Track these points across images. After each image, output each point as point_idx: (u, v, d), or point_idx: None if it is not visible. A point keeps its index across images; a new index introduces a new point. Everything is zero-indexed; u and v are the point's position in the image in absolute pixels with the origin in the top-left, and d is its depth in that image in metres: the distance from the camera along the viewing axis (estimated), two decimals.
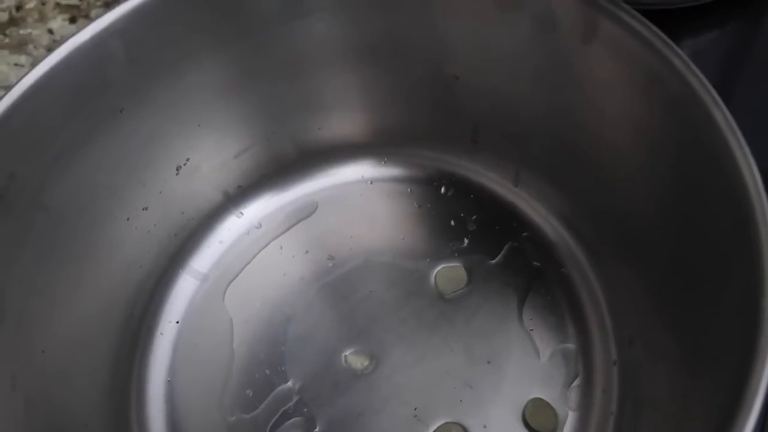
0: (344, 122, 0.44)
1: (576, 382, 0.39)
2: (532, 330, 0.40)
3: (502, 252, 0.43)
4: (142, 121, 0.36)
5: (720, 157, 0.25)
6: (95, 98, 0.33)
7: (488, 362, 0.39)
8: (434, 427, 0.38)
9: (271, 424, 0.38)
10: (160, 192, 0.40)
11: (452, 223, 0.44)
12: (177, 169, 0.40)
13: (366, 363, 0.40)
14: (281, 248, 0.44)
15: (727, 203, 0.25)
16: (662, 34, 0.27)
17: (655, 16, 0.28)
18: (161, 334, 0.41)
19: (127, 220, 0.38)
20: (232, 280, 0.43)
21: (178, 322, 0.42)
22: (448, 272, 0.43)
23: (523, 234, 0.44)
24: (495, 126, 0.43)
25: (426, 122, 0.44)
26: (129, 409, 0.38)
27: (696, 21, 0.51)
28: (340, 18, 0.36)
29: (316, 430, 0.38)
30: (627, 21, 0.28)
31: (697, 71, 0.25)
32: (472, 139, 0.45)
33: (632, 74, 0.30)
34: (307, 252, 0.44)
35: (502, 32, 0.35)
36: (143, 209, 0.39)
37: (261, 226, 0.45)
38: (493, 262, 0.43)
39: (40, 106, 0.31)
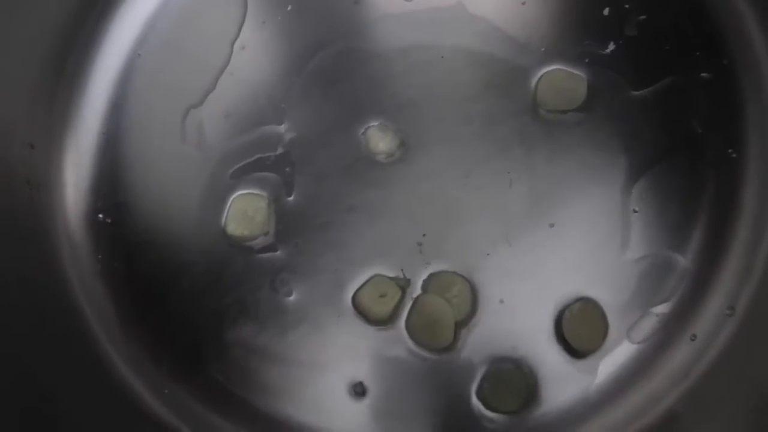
0: None
1: (659, 308, 0.26)
2: (636, 212, 0.26)
3: (657, 86, 0.27)
4: None
5: None
6: None
7: (551, 225, 0.26)
8: (435, 270, 0.26)
9: (237, 167, 0.28)
10: None
11: (606, 12, 0.28)
12: None
13: (390, 147, 0.28)
14: None
15: None
16: None
17: None
18: None
19: None
20: None
21: None
22: (561, 79, 0.28)
23: (704, 74, 0.27)
24: None
25: None
26: (63, 67, 0.28)
27: None
28: None
29: (290, 199, 0.27)
30: None
31: None
32: None
33: None
34: None
35: None
36: None
37: None
38: (636, 93, 0.27)
39: None
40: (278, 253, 0.27)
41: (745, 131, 0.26)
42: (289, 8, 0.29)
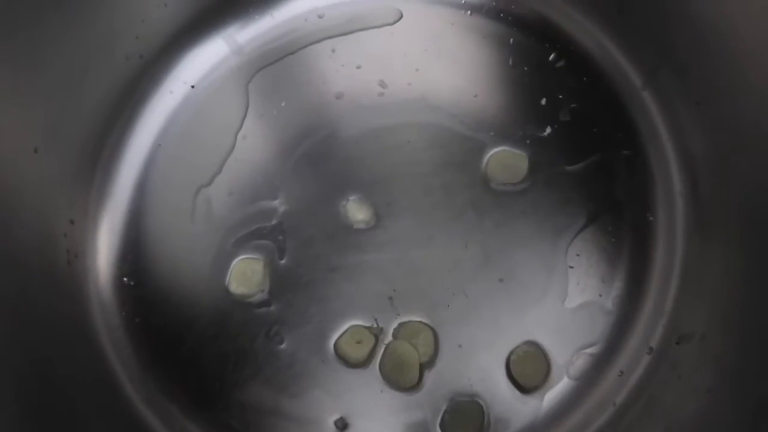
0: None
1: (591, 350, 0.30)
2: (572, 268, 0.31)
3: (587, 162, 0.33)
4: None
5: None
6: None
7: (500, 280, 0.31)
8: (404, 320, 0.31)
9: (239, 236, 0.33)
10: None
11: (543, 101, 0.34)
12: None
13: (365, 217, 0.33)
14: (333, 51, 0.36)
15: None
16: None
17: None
18: (171, 92, 0.36)
19: None
20: (265, 66, 0.36)
21: (193, 87, 0.36)
22: (506, 158, 0.33)
23: (625, 152, 0.33)
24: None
25: None
26: (99, 157, 0.34)
27: None
28: None
29: (282, 262, 0.33)
30: None
31: None
32: (617, 8, 0.32)
33: None
34: (359, 67, 0.35)
35: None
36: None
37: (323, 16, 0.37)
38: (569, 168, 0.33)
39: None
40: (272, 307, 0.32)
41: (657, 199, 0.32)
42: (282, 104, 0.35)
